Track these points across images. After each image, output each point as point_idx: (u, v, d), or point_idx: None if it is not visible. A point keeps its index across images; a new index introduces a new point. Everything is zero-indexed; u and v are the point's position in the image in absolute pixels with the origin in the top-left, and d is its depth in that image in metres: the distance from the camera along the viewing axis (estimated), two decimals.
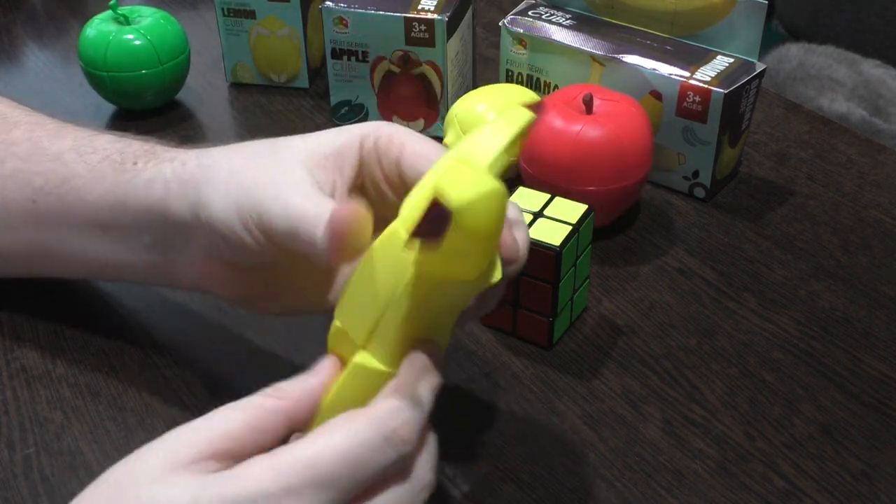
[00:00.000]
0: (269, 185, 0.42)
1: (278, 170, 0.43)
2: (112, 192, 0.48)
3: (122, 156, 0.49)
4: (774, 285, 0.60)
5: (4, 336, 0.56)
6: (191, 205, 0.45)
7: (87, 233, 0.50)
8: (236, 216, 0.43)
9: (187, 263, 0.48)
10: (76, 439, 0.49)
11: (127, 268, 0.51)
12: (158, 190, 0.46)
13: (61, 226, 0.50)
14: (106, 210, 0.49)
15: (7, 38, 0.91)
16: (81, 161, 0.50)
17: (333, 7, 0.70)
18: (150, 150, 0.49)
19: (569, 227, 0.52)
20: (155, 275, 0.50)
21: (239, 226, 0.43)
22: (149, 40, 0.73)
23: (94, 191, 0.49)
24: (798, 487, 0.47)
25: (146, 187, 0.47)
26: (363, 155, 0.44)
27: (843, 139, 0.74)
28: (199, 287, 0.49)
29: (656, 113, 0.65)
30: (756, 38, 0.65)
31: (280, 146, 0.44)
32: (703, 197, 0.67)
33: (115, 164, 0.49)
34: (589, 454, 0.49)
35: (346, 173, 0.44)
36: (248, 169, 0.43)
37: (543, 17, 0.70)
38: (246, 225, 0.42)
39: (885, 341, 0.56)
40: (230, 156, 0.45)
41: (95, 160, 0.49)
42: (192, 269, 0.48)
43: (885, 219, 0.65)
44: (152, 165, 0.47)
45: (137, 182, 0.47)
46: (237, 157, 0.45)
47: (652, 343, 0.55)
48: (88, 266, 0.52)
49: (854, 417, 0.51)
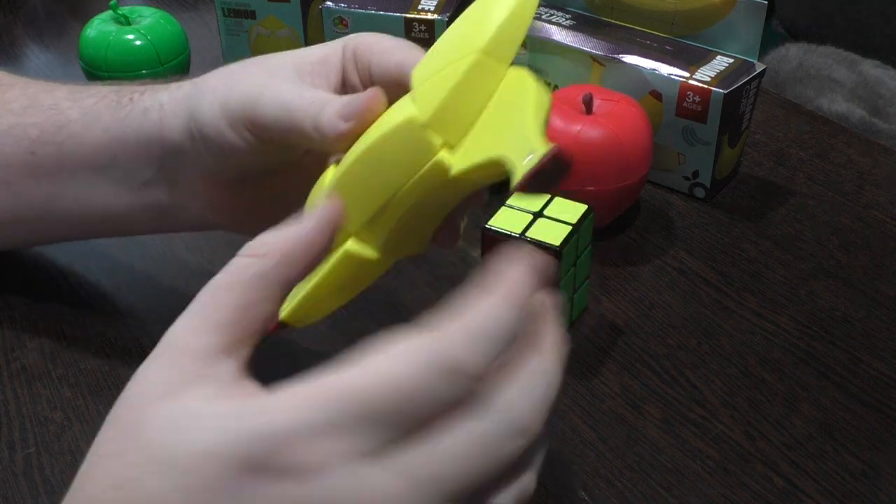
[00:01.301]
0: (259, 82, 0.43)
1: (268, 71, 0.44)
2: (109, 131, 0.49)
3: (118, 95, 0.50)
4: (774, 285, 0.60)
5: (4, 336, 0.56)
6: (185, 120, 0.46)
7: (85, 177, 0.50)
8: (224, 114, 0.44)
9: (188, 195, 0.48)
10: (76, 439, 0.49)
11: (128, 215, 0.51)
12: (154, 115, 0.47)
13: (61, 174, 0.51)
14: (104, 150, 0.49)
15: (7, 38, 0.91)
16: (76, 106, 0.50)
17: (333, 7, 0.70)
18: (146, 86, 0.50)
19: (569, 227, 0.52)
20: (156, 218, 0.51)
21: (226, 125, 0.44)
22: (149, 40, 0.73)
23: (92, 132, 0.49)
24: (798, 487, 0.47)
25: (142, 115, 0.48)
26: (345, 62, 0.45)
27: (843, 139, 0.74)
28: (202, 222, 0.50)
29: (656, 113, 0.65)
30: (756, 38, 0.65)
31: (267, 58, 0.46)
32: (703, 197, 0.67)
33: (111, 103, 0.49)
34: (589, 454, 0.49)
35: (331, 80, 0.45)
36: (237, 73, 0.45)
37: (543, 17, 0.70)
38: (232, 123, 0.43)
39: (885, 341, 0.56)
40: (220, 71, 0.46)
41: (90, 103, 0.50)
42: (192, 201, 0.48)
43: (885, 219, 0.65)
44: (148, 96, 0.48)
45: (133, 114, 0.48)
46: (226, 70, 0.46)
47: (652, 343, 0.55)
48: (90, 219, 0.52)
49: (854, 417, 0.51)
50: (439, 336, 0.29)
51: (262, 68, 0.45)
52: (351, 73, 0.45)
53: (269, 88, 0.43)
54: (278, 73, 0.44)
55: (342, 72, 0.45)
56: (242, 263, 0.33)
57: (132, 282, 0.59)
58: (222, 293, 0.32)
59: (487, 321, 0.30)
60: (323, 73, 0.45)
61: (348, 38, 0.46)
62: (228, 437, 0.29)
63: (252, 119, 0.43)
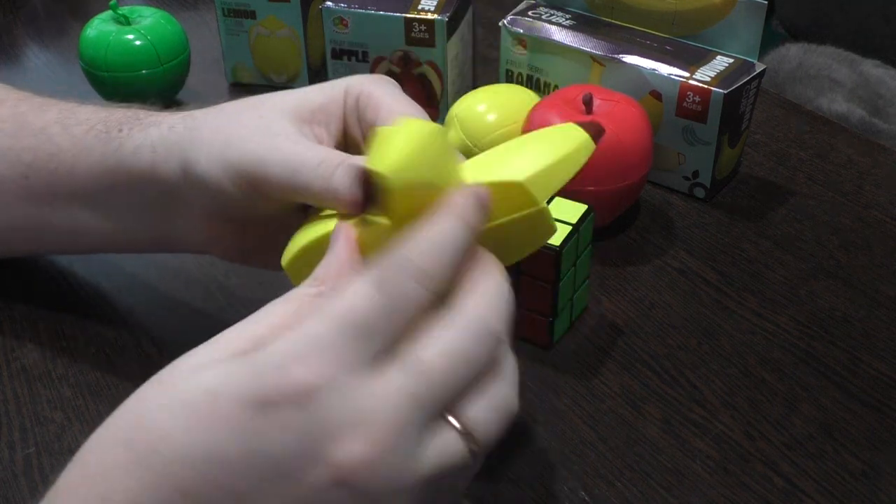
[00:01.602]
0: (260, 140, 0.42)
1: (263, 123, 0.43)
2: (100, 164, 0.48)
3: (107, 125, 0.49)
4: (774, 285, 0.60)
5: (4, 336, 0.56)
6: (179, 167, 0.45)
7: (81, 206, 0.50)
8: (223, 172, 0.43)
9: (185, 226, 0.48)
10: (76, 439, 0.49)
11: (127, 237, 0.51)
12: (146, 156, 0.46)
13: (56, 200, 0.50)
14: (96, 182, 0.49)
15: (7, 38, 0.91)
16: (66, 134, 0.50)
17: (333, 7, 0.70)
18: (134, 116, 0.49)
19: (569, 227, 0.52)
20: (156, 241, 0.50)
21: (227, 182, 0.43)
22: (149, 40, 0.73)
23: (82, 164, 0.49)
24: (798, 487, 0.47)
25: (133, 155, 0.47)
26: (346, 112, 0.44)
27: (843, 139, 0.74)
28: (201, 248, 0.50)
29: (656, 113, 0.65)
30: (756, 38, 0.65)
31: (264, 102, 0.45)
32: (703, 197, 0.67)
33: (100, 134, 0.49)
34: (589, 454, 0.49)
35: (332, 129, 0.44)
36: (232, 125, 0.44)
37: (543, 17, 0.70)
38: (234, 180, 0.43)
39: (885, 341, 0.56)
40: (214, 115, 0.45)
41: (80, 132, 0.49)
42: (190, 231, 0.48)
43: (885, 219, 0.65)
44: (137, 131, 0.47)
45: (124, 151, 0.47)
46: (221, 115, 0.45)
47: (652, 343, 0.55)
48: (88, 238, 0.52)
49: (854, 417, 0.51)
50: (402, 252, 0.32)
51: (262, 121, 0.43)
52: (352, 126, 0.44)
53: (272, 151, 0.42)
54: (278, 128, 0.43)
55: (343, 121, 0.45)
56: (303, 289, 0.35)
57: (132, 282, 0.59)
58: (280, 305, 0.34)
59: (440, 235, 0.33)
60: (324, 122, 0.44)
61: (349, 85, 0.45)
62: (229, 378, 0.30)
63: (255, 180, 0.42)
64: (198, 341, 0.56)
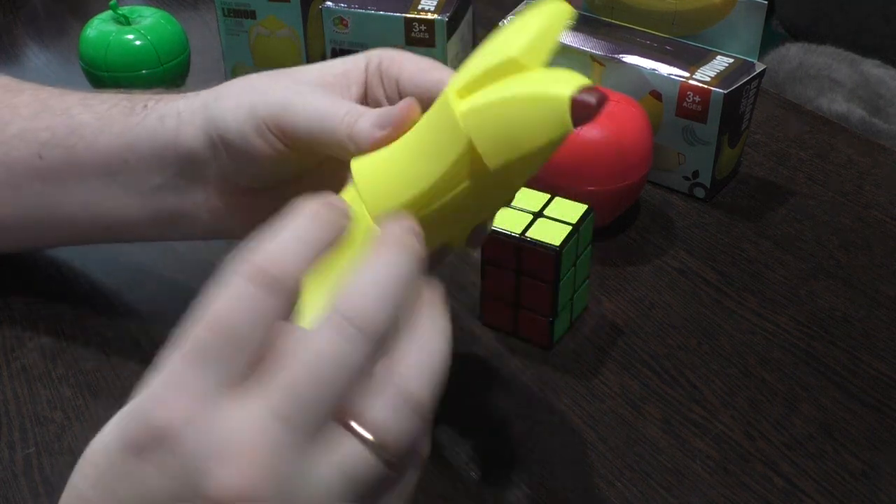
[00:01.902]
0: (288, 91, 0.44)
1: (294, 81, 0.45)
2: (122, 136, 0.49)
3: (132, 101, 0.50)
4: (774, 285, 0.60)
5: (4, 336, 0.56)
6: (203, 126, 0.46)
7: (94, 182, 0.50)
8: (251, 121, 0.44)
9: (200, 200, 0.48)
10: (76, 439, 0.49)
11: (135, 221, 0.51)
12: (170, 122, 0.47)
13: (68, 177, 0.51)
14: (115, 155, 0.49)
15: (7, 38, 0.91)
16: (89, 111, 0.50)
17: (333, 7, 0.70)
18: (160, 94, 0.50)
19: (569, 227, 0.52)
20: (164, 224, 0.51)
21: (252, 131, 0.44)
22: (149, 40, 0.73)
23: (104, 137, 0.49)
24: (798, 487, 0.47)
25: (158, 122, 0.48)
26: (368, 76, 0.45)
27: (843, 139, 0.74)
28: (211, 230, 0.50)
29: (656, 113, 0.65)
30: (756, 38, 0.65)
31: (289, 70, 0.46)
32: (703, 197, 0.67)
33: (124, 109, 0.50)
34: (589, 454, 0.49)
35: (353, 91, 0.45)
36: (262, 81, 0.46)
37: None
38: (260, 129, 0.44)
39: (885, 341, 0.56)
40: (240, 81, 0.47)
41: (103, 109, 0.50)
42: (204, 206, 0.49)
43: (885, 219, 0.65)
44: (163, 104, 0.48)
45: (148, 121, 0.48)
46: (246, 79, 0.46)
47: (652, 343, 0.55)
48: (96, 224, 0.52)
49: (854, 417, 0.51)
50: (247, 258, 0.30)
51: (288, 78, 0.45)
52: (375, 87, 0.45)
53: (300, 97, 0.43)
54: (305, 84, 0.44)
55: (364, 84, 0.45)
56: None
57: (132, 282, 0.59)
58: None
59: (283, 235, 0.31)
60: (345, 85, 0.45)
61: (370, 53, 0.46)
62: (112, 428, 0.30)
63: (283, 126, 0.43)
64: None
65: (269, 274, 0.30)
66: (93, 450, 0.31)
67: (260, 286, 0.30)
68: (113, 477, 0.30)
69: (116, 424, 0.30)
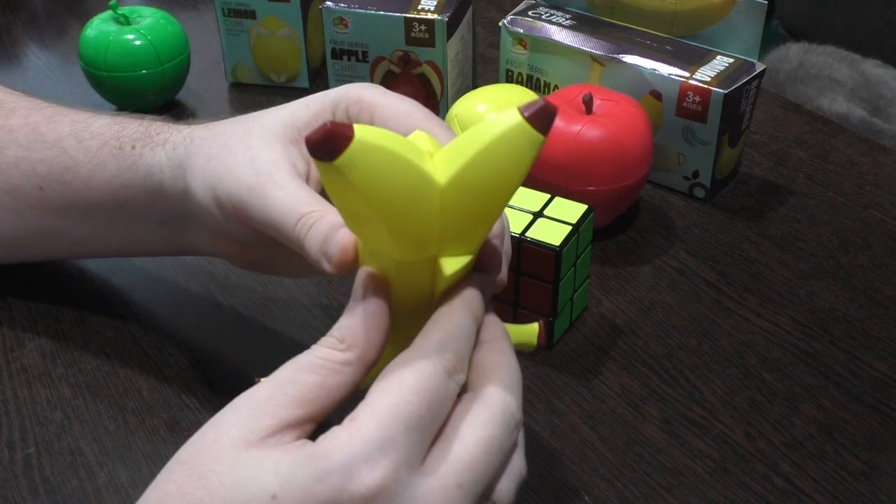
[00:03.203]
0: (244, 175, 0.42)
1: (251, 156, 0.43)
2: (115, 179, 0.49)
3: (120, 140, 0.49)
4: (774, 285, 0.60)
5: (4, 336, 0.56)
6: (183, 188, 0.46)
7: (97, 217, 0.51)
8: (216, 206, 0.43)
9: (195, 239, 0.49)
10: (76, 439, 0.49)
11: (141, 244, 0.52)
12: (156, 176, 0.47)
13: (71, 211, 0.51)
14: (111, 194, 0.49)
15: (7, 38, 0.91)
16: (81, 148, 0.50)
17: (333, 7, 0.70)
18: (146, 133, 0.49)
19: (569, 227, 0.52)
20: (169, 246, 0.51)
21: (219, 214, 0.44)
22: (149, 40, 0.73)
23: (98, 178, 0.49)
24: (798, 487, 0.47)
25: (145, 175, 0.47)
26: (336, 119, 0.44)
27: (843, 139, 0.74)
28: (212, 254, 0.50)
29: (656, 113, 0.65)
30: (756, 38, 0.64)
31: (254, 125, 0.44)
32: (703, 197, 0.67)
33: (113, 149, 0.49)
34: (589, 454, 0.49)
35: None
36: (222, 157, 0.44)
37: (543, 17, 0.70)
38: (226, 215, 0.43)
39: (884, 341, 0.56)
40: (209, 141, 0.45)
41: (94, 147, 0.50)
42: (200, 243, 0.49)
43: (885, 219, 0.65)
44: (148, 150, 0.48)
45: (137, 170, 0.48)
46: (214, 142, 0.45)
47: (652, 343, 0.55)
48: (103, 246, 0.53)
49: (854, 417, 0.51)
50: (431, 347, 0.34)
51: (249, 153, 0.43)
52: None
53: (255, 196, 0.41)
54: (265, 162, 0.42)
55: None
56: (328, 352, 0.34)
57: (132, 282, 0.59)
58: (306, 373, 0.34)
59: (459, 329, 0.35)
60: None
61: (337, 95, 0.44)
62: (292, 481, 0.31)
63: (240, 219, 0.43)
64: (198, 340, 0.56)
65: (457, 371, 0.34)
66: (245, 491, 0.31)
67: (452, 381, 0.34)
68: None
69: (295, 475, 0.31)
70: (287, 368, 0.34)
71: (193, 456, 0.33)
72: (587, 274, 0.56)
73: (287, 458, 0.32)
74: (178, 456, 0.33)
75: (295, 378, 0.34)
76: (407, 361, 0.34)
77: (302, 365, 0.34)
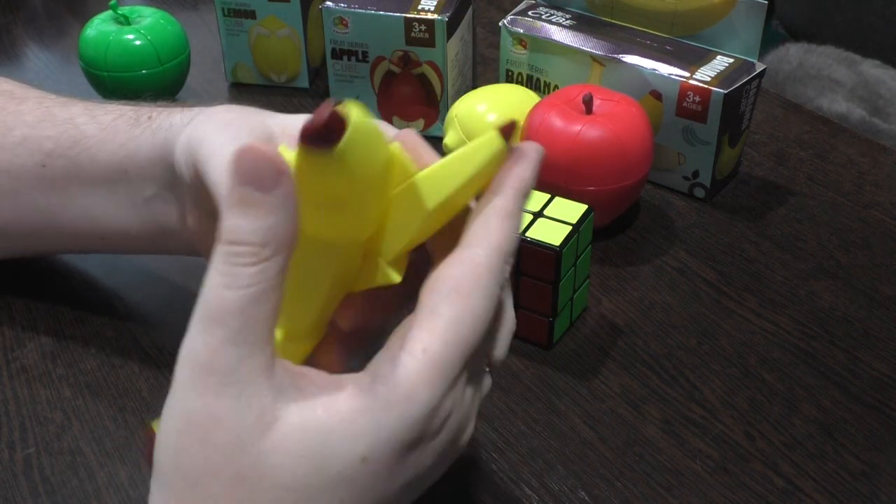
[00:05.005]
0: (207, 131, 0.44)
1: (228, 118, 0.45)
2: (125, 147, 0.49)
3: (137, 112, 0.50)
4: (774, 285, 0.60)
5: (4, 336, 0.56)
6: (185, 141, 0.46)
7: (94, 192, 0.51)
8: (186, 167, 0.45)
9: (181, 219, 0.49)
10: (76, 439, 0.49)
11: (128, 230, 0.51)
12: (162, 134, 0.48)
13: (69, 187, 0.51)
14: (116, 165, 0.49)
15: (7, 38, 0.91)
16: (94, 122, 0.51)
17: (333, 7, 0.70)
18: (165, 108, 0.50)
19: (569, 227, 0.52)
20: (153, 234, 0.51)
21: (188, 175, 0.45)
22: (149, 40, 0.73)
23: (107, 147, 0.50)
24: (798, 487, 0.47)
25: (157, 131, 0.48)
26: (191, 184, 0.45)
27: (843, 139, 0.74)
28: (190, 248, 0.50)
29: (656, 113, 0.65)
30: (756, 38, 0.65)
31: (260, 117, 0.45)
32: (703, 197, 0.67)
33: (129, 119, 0.50)
34: (589, 454, 0.49)
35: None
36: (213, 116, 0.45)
37: (543, 17, 0.70)
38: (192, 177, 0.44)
39: (884, 341, 0.56)
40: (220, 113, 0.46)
41: (108, 120, 0.50)
42: (184, 226, 0.49)
43: (885, 219, 0.65)
44: (164, 116, 0.49)
45: (147, 132, 0.49)
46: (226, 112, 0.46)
47: (652, 343, 0.55)
48: (92, 232, 0.52)
49: (854, 417, 0.51)
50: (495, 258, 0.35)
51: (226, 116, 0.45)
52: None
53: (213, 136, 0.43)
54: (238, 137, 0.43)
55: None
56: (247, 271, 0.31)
57: (132, 282, 0.59)
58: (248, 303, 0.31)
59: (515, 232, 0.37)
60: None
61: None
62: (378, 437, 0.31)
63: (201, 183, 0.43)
64: None
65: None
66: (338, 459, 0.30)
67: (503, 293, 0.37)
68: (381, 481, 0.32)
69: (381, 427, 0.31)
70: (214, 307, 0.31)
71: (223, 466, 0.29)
72: (587, 274, 0.56)
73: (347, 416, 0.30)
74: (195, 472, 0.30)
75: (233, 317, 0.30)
76: (476, 277, 0.33)
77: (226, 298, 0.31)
